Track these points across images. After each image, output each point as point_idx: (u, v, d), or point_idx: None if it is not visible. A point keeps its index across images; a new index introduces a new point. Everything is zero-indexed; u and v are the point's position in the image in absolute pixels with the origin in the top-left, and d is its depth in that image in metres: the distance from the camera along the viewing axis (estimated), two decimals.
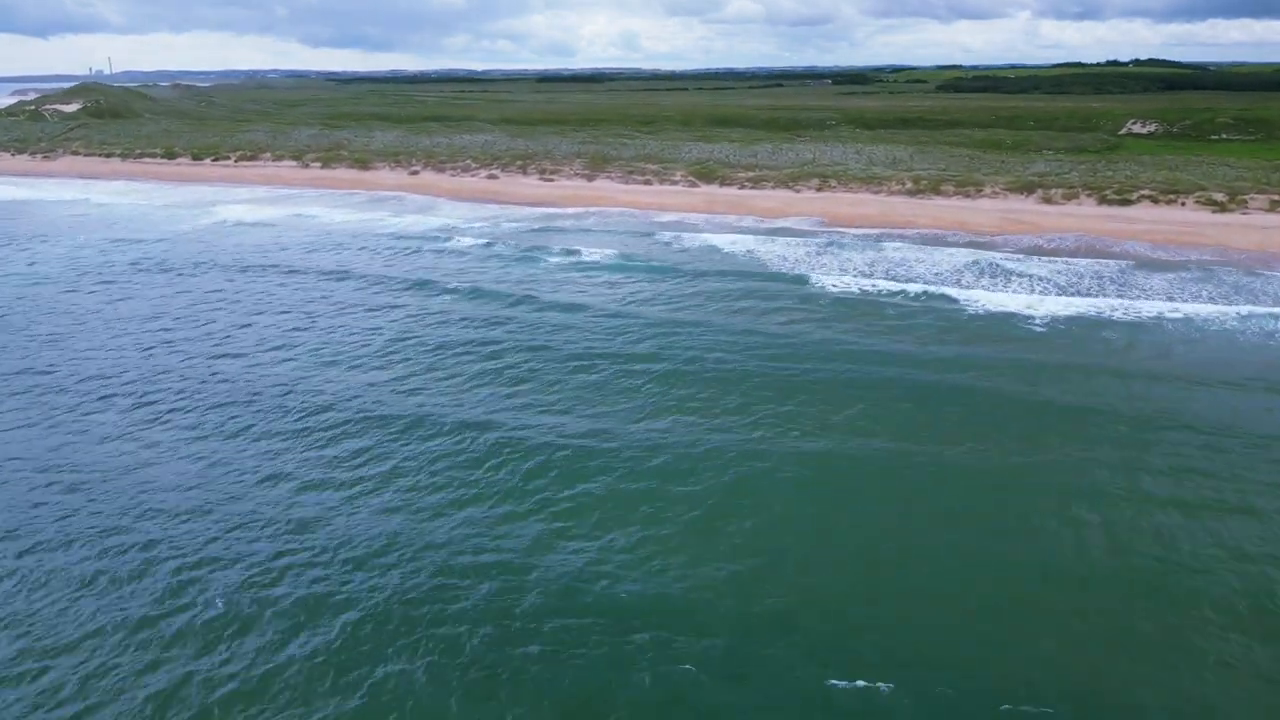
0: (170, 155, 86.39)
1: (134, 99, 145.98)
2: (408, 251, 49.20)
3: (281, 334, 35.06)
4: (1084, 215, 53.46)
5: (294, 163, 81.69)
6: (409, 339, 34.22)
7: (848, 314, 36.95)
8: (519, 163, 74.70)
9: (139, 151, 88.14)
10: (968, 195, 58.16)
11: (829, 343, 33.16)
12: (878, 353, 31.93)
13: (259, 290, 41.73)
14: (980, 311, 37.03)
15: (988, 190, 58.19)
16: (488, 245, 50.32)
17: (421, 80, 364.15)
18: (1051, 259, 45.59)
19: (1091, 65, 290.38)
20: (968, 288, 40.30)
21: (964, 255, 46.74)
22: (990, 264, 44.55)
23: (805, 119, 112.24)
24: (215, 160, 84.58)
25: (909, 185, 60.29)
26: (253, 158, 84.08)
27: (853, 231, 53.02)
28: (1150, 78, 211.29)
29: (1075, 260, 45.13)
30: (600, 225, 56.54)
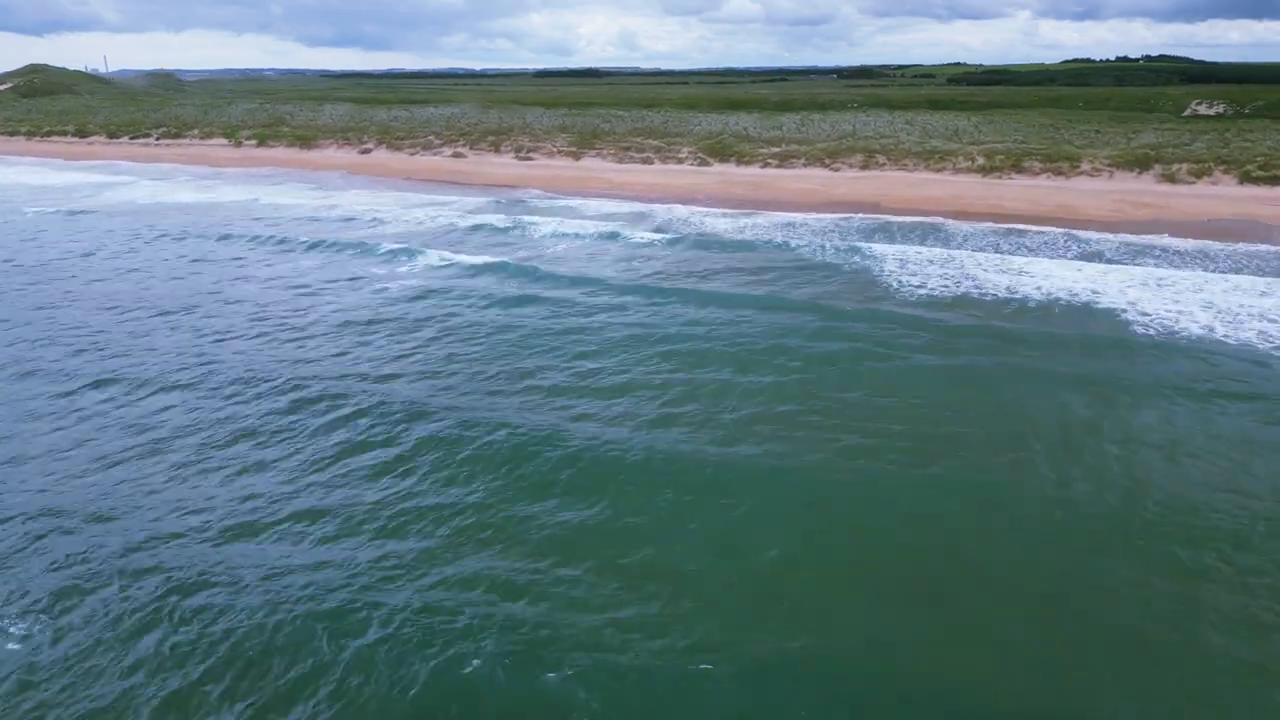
0: (83, 133, 73.20)
1: (81, 80, 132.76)
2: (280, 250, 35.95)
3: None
4: (1227, 197, 40.15)
5: (225, 141, 68.41)
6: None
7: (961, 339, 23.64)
8: (490, 139, 61.44)
9: (48, 129, 74.89)
10: (1060, 173, 44.88)
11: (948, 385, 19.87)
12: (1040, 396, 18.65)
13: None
14: (1166, 334, 23.59)
15: (1086, 167, 44.91)
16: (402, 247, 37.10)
17: (419, 77, 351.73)
18: (1220, 250, 32.30)
19: (1102, 62, 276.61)
20: (1121, 293, 26.99)
21: (1079, 245, 33.59)
22: (1122, 258, 31.36)
23: (825, 102, 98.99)
24: (133, 138, 71.34)
25: (980, 161, 47.02)
26: (177, 135, 70.80)
27: (920, 220, 39.78)
28: (1169, 70, 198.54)
29: (1257, 251, 31.83)
30: (579, 215, 43.28)
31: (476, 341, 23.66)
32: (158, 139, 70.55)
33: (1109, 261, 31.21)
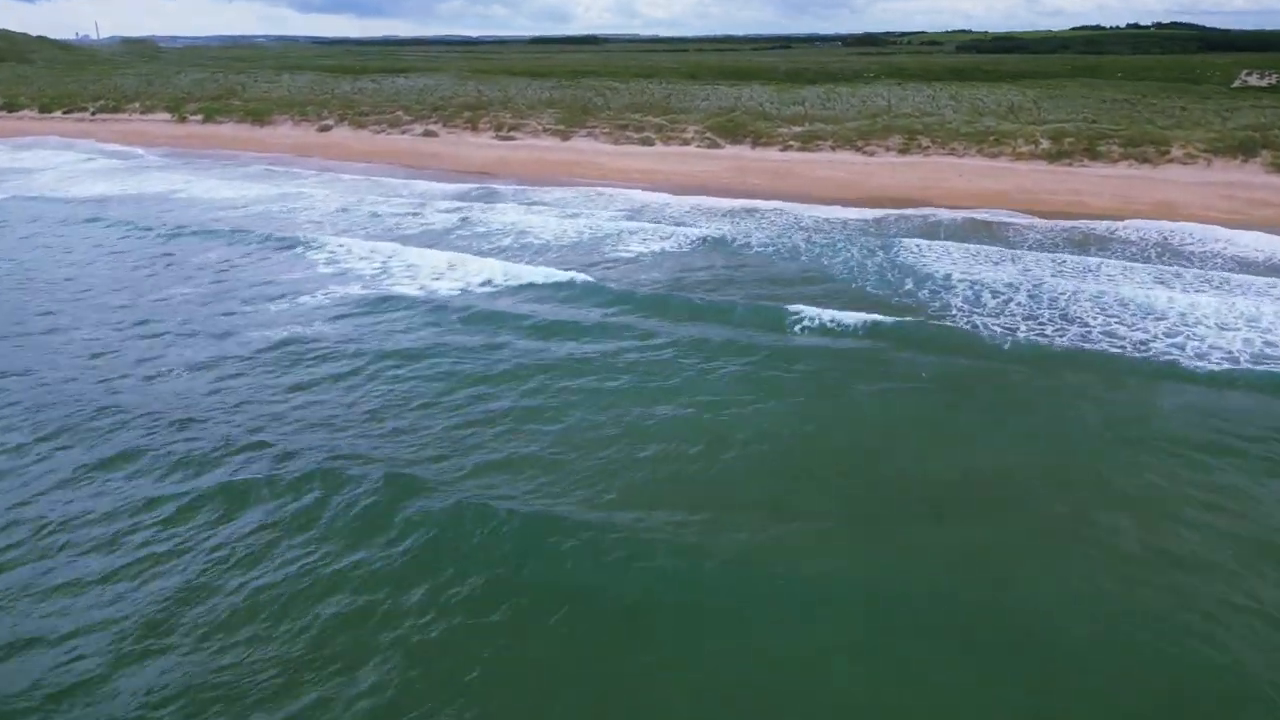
0: (12, 106, 65.16)
1: (46, 48, 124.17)
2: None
3: None
4: None
5: (168, 115, 60.40)
6: None
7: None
8: (467, 115, 53.51)
9: None
10: (1146, 160, 37.15)
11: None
12: None
13: None
14: None
15: (1177, 152, 37.17)
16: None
17: (414, 44, 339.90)
18: None
19: (1113, 29, 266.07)
20: None
21: (1194, 261, 26.20)
22: (1262, 277, 23.86)
23: (837, 71, 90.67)
24: (67, 113, 63.37)
25: (1045, 145, 39.27)
26: (116, 109, 62.77)
27: (982, 219, 32.27)
28: (1185, 38, 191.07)
29: None
30: (563, 211, 35.66)
31: (401, 381, 16.41)
32: (93, 114, 62.50)
33: (1246, 280, 23.68)
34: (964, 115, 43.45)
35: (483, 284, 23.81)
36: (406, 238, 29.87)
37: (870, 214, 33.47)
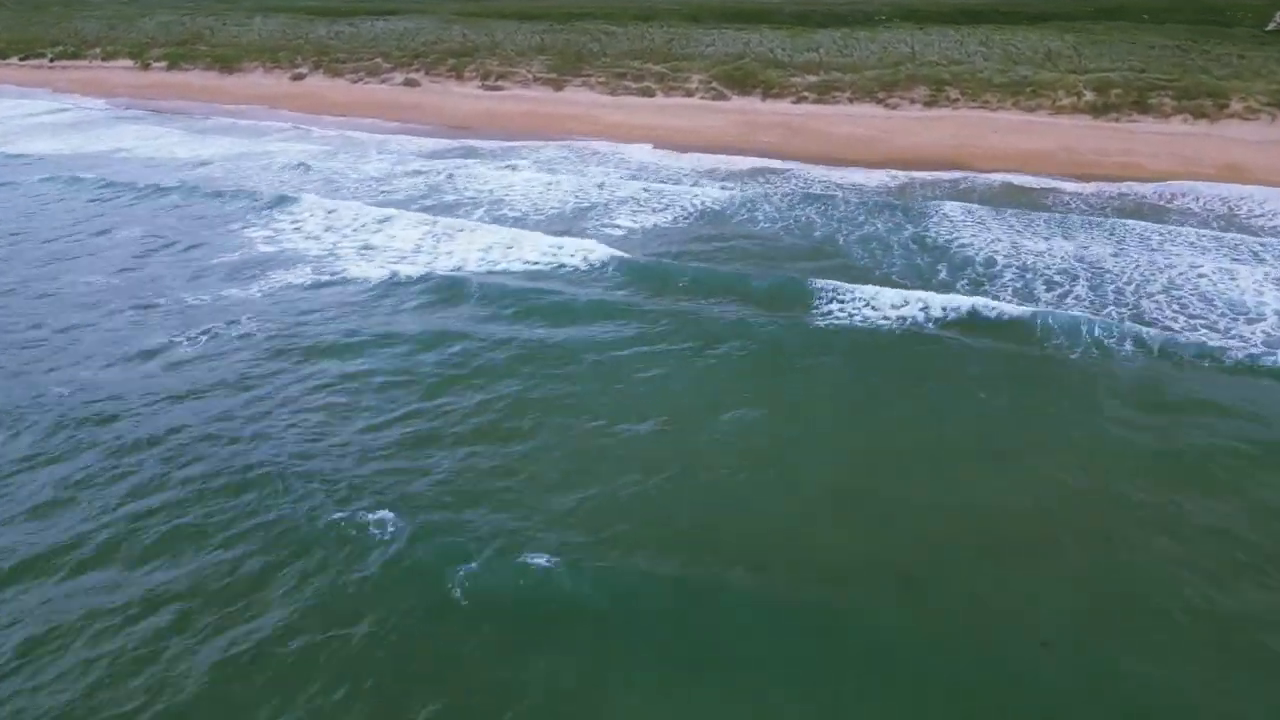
0: None
1: None
2: None
3: None
4: None
5: (131, 62, 56.07)
6: None
7: None
8: (451, 62, 49.31)
9: None
10: (1202, 114, 33.29)
11: None
12: None
13: None
14: None
15: (1237, 105, 33.32)
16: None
17: None
18: None
19: None
20: None
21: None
22: None
23: (846, 13, 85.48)
24: (24, 59, 59.09)
25: (1089, 97, 35.39)
26: (75, 55, 58.44)
27: (1023, 184, 28.75)
28: None
29: None
30: (550, 169, 32.00)
31: (358, 393, 13.33)
32: (52, 60, 58.24)
33: None
34: (996, 63, 39.38)
35: (454, 269, 20.36)
36: (372, 206, 26.30)
37: (896, 177, 30.09)
